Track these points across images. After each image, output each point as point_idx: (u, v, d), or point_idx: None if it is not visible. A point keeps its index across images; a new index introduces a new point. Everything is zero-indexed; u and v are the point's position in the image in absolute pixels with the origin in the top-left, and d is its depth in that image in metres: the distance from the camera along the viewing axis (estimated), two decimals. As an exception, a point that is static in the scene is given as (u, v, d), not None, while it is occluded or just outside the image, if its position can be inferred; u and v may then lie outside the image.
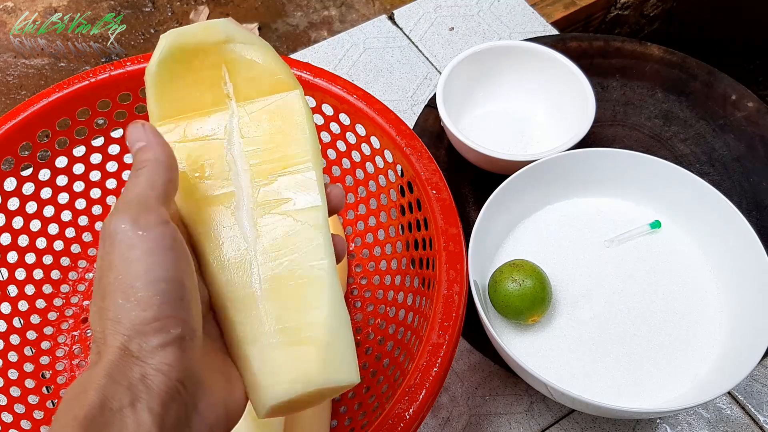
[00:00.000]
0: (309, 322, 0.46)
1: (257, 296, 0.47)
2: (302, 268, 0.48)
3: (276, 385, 0.45)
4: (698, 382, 0.70)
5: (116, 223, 0.40)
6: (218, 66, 0.52)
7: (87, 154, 0.80)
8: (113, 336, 0.39)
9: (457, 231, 0.63)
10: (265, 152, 0.51)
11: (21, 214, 0.76)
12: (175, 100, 0.52)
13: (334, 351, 0.46)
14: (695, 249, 0.78)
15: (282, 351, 0.46)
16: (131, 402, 0.37)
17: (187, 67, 0.51)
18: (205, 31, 0.52)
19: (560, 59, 0.88)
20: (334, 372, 0.45)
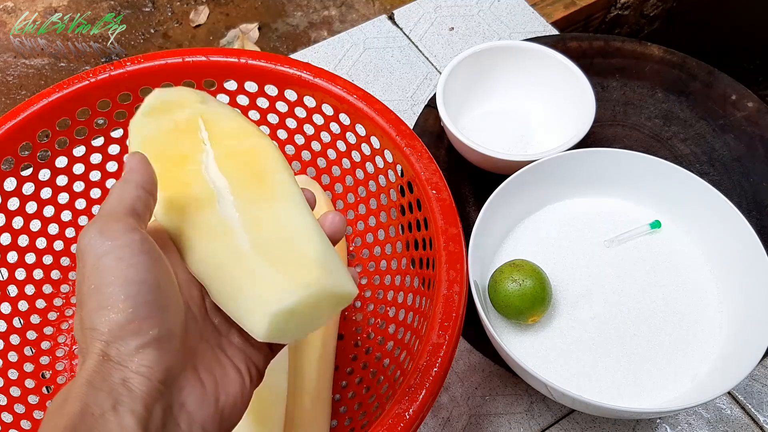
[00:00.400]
0: (300, 251, 0.47)
1: (245, 250, 0.48)
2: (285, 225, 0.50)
3: (273, 295, 0.45)
4: (698, 382, 0.70)
5: (85, 237, 0.42)
6: (195, 118, 0.57)
7: (87, 154, 0.80)
8: (92, 343, 0.39)
9: (457, 231, 0.63)
10: (240, 168, 0.54)
11: (21, 214, 0.76)
12: (154, 145, 0.55)
13: (330, 265, 0.47)
14: (695, 249, 0.78)
15: (279, 272, 0.46)
16: (113, 406, 0.37)
17: (168, 115, 0.57)
18: (185, 91, 0.59)
19: (560, 59, 0.88)
20: (335, 279, 0.46)
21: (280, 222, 0.49)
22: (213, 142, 0.56)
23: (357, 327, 0.78)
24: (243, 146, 0.56)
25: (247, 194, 0.51)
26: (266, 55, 0.75)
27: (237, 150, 0.56)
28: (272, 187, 0.52)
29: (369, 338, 0.76)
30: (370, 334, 0.76)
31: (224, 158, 0.54)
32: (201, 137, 0.56)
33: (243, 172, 0.53)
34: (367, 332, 0.77)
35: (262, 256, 0.47)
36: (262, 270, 0.46)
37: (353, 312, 0.79)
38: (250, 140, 0.57)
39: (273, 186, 0.52)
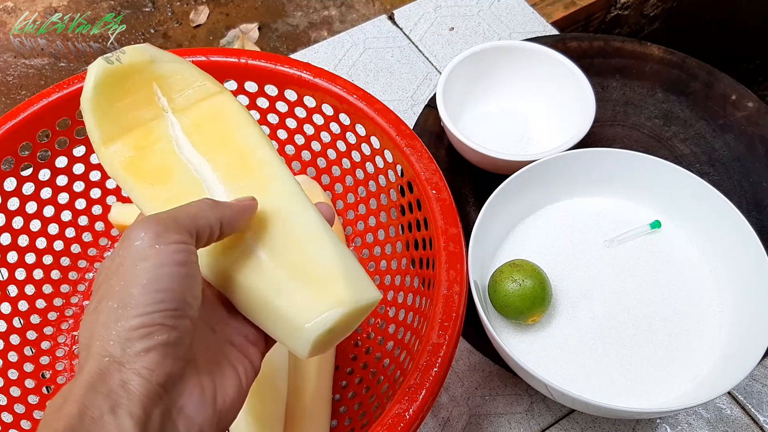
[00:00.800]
0: (320, 261, 0.48)
1: (262, 258, 0.48)
2: (293, 226, 0.50)
3: (314, 318, 0.46)
4: (698, 382, 0.70)
5: (138, 231, 0.41)
6: (149, 84, 0.55)
7: (87, 154, 0.80)
8: (99, 342, 0.39)
9: (457, 231, 0.63)
10: (218, 147, 0.53)
11: (21, 214, 0.76)
12: (115, 121, 0.54)
13: (352, 277, 0.48)
14: (695, 249, 0.78)
15: (306, 291, 0.47)
16: (111, 408, 0.37)
17: (121, 89, 0.54)
18: (132, 52, 0.55)
19: (560, 59, 0.88)
20: (361, 292, 0.47)
21: (286, 223, 0.50)
22: (174, 109, 0.55)
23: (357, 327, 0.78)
24: (206, 110, 0.55)
25: (234, 183, 0.52)
26: (266, 55, 0.75)
27: (203, 117, 0.55)
28: (261, 173, 0.52)
29: (369, 338, 0.76)
30: (370, 334, 0.76)
31: (193, 131, 0.54)
32: (161, 105, 0.55)
33: (219, 149, 0.53)
34: (367, 332, 0.77)
35: (283, 269, 0.48)
36: (288, 286, 0.47)
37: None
38: (211, 101, 0.56)
39: (262, 172, 0.52)
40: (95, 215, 0.83)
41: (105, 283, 0.41)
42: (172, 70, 0.56)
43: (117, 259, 0.41)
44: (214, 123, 0.55)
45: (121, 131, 0.54)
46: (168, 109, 0.55)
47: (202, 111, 0.55)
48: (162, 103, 0.55)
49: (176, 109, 0.55)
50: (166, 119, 0.55)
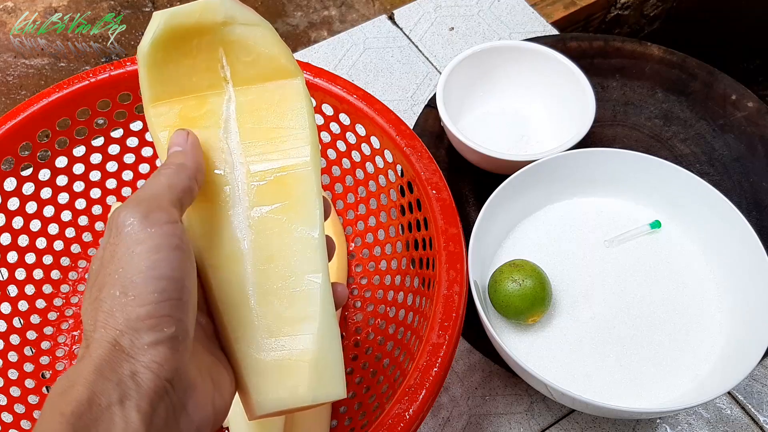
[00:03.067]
0: (300, 334, 0.47)
1: (250, 301, 0.47)
2: (296, 277, 0.48)
3: (266, 397, 0.46)
4: (698, 382, 0.70)
5: (125, 216, 0.41)
6: (215, 48, 0.50)
7: (87, 154, 0.80)
8: (105, 329, 0.39)
9: (457, 231, 0.63)
10: (262, 146, 0.50)
11: (21, 214, 0.76)
12: (168, 82, 0.50)
13: (323, 366, 0.47)
14: (695, 249, 0.78)
15: (273, 362, 0.46)
16: (120, 399, 0.37)
17: (182, 49, 0.50)
18: (203, 10, 0.49)
19: (560, 59, 0.88)
20: (322, 388, 0.47)
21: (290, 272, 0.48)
22: (236, 81, 0.51)
23: (357, 327, 0.78)
24: (269, 94, 0.51)
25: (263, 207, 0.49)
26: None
27: (262, 101, 0.51)
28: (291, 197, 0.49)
29: (369, 338, 0.76)
30: (370, 334, 0.76)
31: (248, 114, 0.50)
32: (222, 75, 0.51)
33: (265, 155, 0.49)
34: (367, 332, 0.77)
35: (263, 321, 0.47)
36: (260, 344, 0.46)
37: (353, 312, 0.79)
38: (279, 83, 0.51)
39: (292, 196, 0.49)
40: (95, 215, 0.83)
41: (101, 271, 0.41)
42: (246, 35, 0.50)
43: (109, 247, 0.41)
44: (271, 114, 0.51)
45: (173, 94, 0.50)
46: (230, 80, 0.51)
47: (265, 94, 0.51)
48: (224, 73, 0.51)
49: (238, 82, 0.51)
50: (224, 92, 0.51)
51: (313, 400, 0.46)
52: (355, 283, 0.80)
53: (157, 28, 0.49)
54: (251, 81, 0.51)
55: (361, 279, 0.80)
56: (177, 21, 0.49)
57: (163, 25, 0.49)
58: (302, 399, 0.46)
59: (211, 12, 0.49)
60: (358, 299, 0.79)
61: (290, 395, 0.46)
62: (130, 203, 0.42)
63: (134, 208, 0.41)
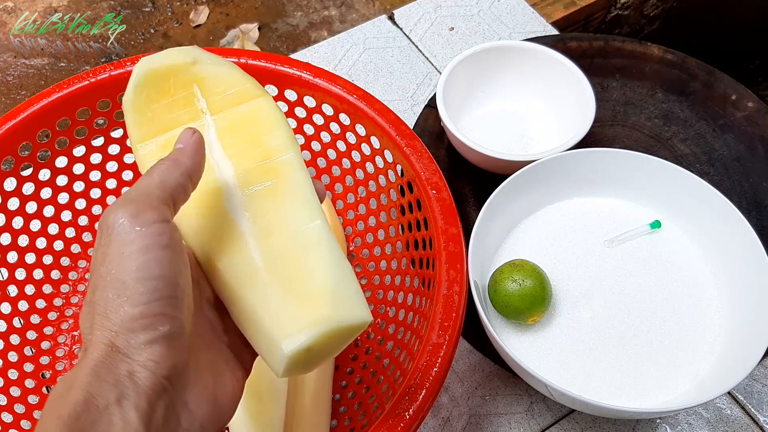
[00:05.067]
0: (313, 276, 0.47)
1: (259, 268, 0.48)
2: (296, 235, 0.49)
3: (292, 333, 0.45)
4: (698, 382, 0.70)
5: (115, 216, 0.41)
6: (190, 85, 0.55)
7: (87, 154, 0.80)
8: (100, 331, 0.39)
9: (457, 231, 0.63)
10: (244, 151, 0.53)
11: (21, 214, 0.76)
12: (152, 121, 0.54)
13: (342, 294, 0.47)
14: (695, 249, 0.78)
15: (292, 305, 0.46)
16: (117, 399, 0.37)
17: (161, 90, 0.55)
18: (175, 54, 0.55)
19: (560, 59, 0.88)
20: (346, 311, 0.46)
21: (290, 231, 0.49)
22: (212, 110, 0.55)
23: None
24: (243, 113, 0.55)
25: (254, 188, 0.51)
26: (266, 55, 0.75)
27: (238, 120, 0.55)
28: (279, 177, 0.52)
29: (369, 338, 0.76)
30: (370, 334, 0.76)
31: (227, 133, 0.54)
32: (199, 107, 0.55)
33: (248, 154, 0.53)
34: (367, 332, 0.77)
35: (275, 280, 0.47)
36: (276, 299, 0.47)
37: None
38: (250, 104, 0.56)
39: (280, 176, 0.52)
40: (95, 215, 0.83)
41: (94, 273, 0.41)
42: (215, 73, 0.56)
43: (101, 248, 0.41)
44: (247, 126, 0.55)
45: (158, 131, 0.54)
46: (206, 110, 0.55)
47: (239, 114, 0.55)
48: (201, 105, 0.55)
49: (214, 111, 0.55)
50: (203, 121, 0.55)
51: (338, 321, 0.45)
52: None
53: (137, 75, 0.54)
54: (225, 107, 0.55)
55: (361, 279, 0.80)
56: (154, 65, 0.55)
57: (142, 71, 0.54)
58: (328, 320, 0.45)
59: (182, 55, 0.56)
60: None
61: (315, 320, 0.45)
62: (120, 202, 0.42)
63: (124, 208, 0.41)
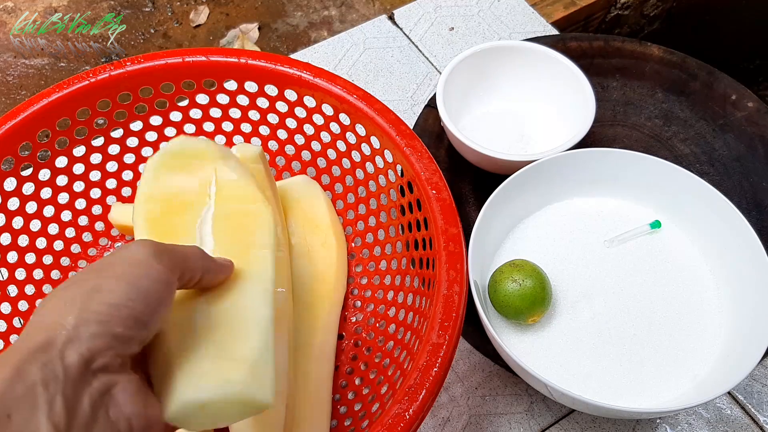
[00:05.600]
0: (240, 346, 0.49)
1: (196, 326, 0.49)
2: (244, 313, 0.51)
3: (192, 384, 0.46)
4: (698, 382, 0.70)
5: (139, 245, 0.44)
6: (210, 170, 0.62)
7: (87, 154, 0.80)
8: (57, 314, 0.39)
9: (457, 231, 0.63)
10: (231, 236, 0.58)
11: (21, 214, 0.76)
12: (164, 186, 0.61)
13: (258, 370, 0.48)
14: (695, 249, 0.78)
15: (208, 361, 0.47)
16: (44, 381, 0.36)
17: (186, 164, 0.62)
18: (210, 144, 0.64)
19: (560, 59, 0.88)
20: (251, 387, 0.47)
21: (238, 304, 0.51)
22: (218, 198, 0.60)
23: (357, 327, 0.78)
24: (243, 210, 0.60)
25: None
26: (266, 55, 0.75)
27: (236, 213, 0.59)
28: (249, 263, 0.54)
29: (369, 338, 0.76)
30: (370, 334, 0.76)
31: (221, 219, 0.58)
32: (209, 191, 0.61)
33: (231, 239, 0.57)
34: (367, 332, 0.77)
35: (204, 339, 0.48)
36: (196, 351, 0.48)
37: (353, 312, 0.79)
38: (252, 206, 0.60)
39: (250, 262, 0.55)
40: (95, 215, 0.83)
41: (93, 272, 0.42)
42: (235, 171, 0.63)
43: (110, 258, 0.43)
44: (242, 222, 0.59)
45: (166, 195, 0.61)
46: (213, 195, 0.60)
47: (239, 209, 0.60)
48: (211, 190, 0.61)
49: (219, 199, 0.60)
50: (207, 202, 0.60)
51: (239, 393, 0.46)
52: (355, 283, 0.80)
53: (172, 144, 0.63)
54: (228, 201, 0.60)
55: (361, 279, 0.80)
56: (190, 144, 0.63)
57: (178, 143, 0.63)
58: (230, 390, 0.46)
59: (216, 147, 0.64)
60: (358, 299, 0.79)
61: (218, 384, 0.46)
62: (150, 240, 0.45)
63: (151, 244, 0.44)
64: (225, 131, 0.84)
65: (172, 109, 0.80)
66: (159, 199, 0.60)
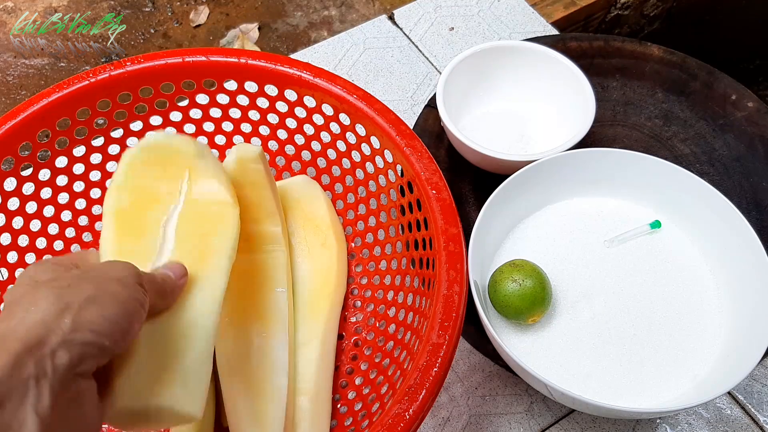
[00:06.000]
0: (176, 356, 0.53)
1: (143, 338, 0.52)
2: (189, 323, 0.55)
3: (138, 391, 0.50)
4: (698, 382, 0.70)
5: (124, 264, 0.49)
6: (184, 168, 0.63)
7: (87, 154, 0.80)
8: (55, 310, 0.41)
9: (457, 231, 0.63)
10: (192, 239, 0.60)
11: (21, 214, 0.76)
12: (138, 178, 0.63)
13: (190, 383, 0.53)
14: (695, 249, 0.78)
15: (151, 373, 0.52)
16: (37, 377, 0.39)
17: (159, 161, 0.63)
18: (187, 141, 0.64)
19: (560, 59, 0.88)
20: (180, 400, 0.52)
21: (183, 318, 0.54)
22: (187, 197, 0.62)
23: (357, 327, 0.77)
24: (209, 212, 0.62)
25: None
26: (266, 55, 0.75)
27: (203, 214, 0.62)
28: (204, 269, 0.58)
29: (369, 338, 0.76)
30: (371, 333, 0.76)
31: (187, 218, 0.61)
32: (180, 189, 0.63)
33: (192, 242, 0.59)
34: (367, 332, 0.77)
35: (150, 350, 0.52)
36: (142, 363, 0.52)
37: (353, 312, 0.79)
38: (220, 208, 0.62)
39: (206, 268, 0.58)
40: (95, 215, 0.83)
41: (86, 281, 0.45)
42: (209, 170, 0.64)
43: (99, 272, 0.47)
44: (206, 226, 0.61)
45: (137, 188, 0.62)
46: (184, 193, 0.62)
47: (206, 209, 0.62)
48: (182, 187, 0.63)
49: (189, 198, 0.62)
50: (176, 199, 0.62)
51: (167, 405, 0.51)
52: (355, 283, 0.80)
53: (148, 139, 0.63)
54: (198, 200, 0.63)
55: (361, 279, 0.80)
56: (166, 140, 0.64)
57: (152, 139, 0.63)
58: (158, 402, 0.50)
59: (192, 144, 0.64)
60: (358, 299, 0.79)
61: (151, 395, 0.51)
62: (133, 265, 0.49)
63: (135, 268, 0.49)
64: (225, 131, 0.83)
65: (172, 109, 0.80)
66: (130, 191, 0.62)
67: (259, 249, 0.72)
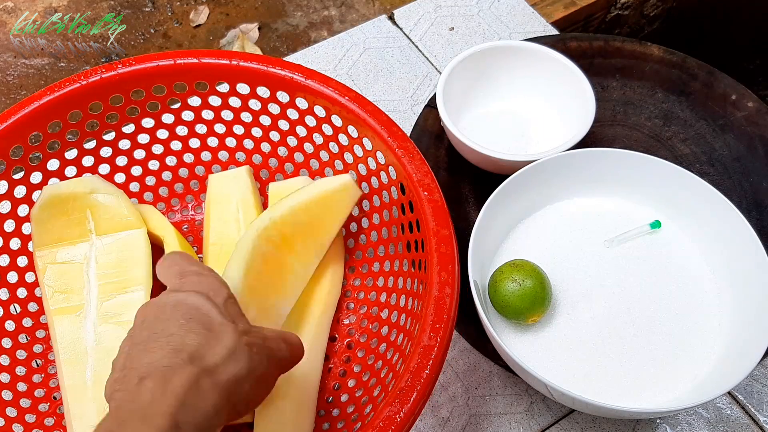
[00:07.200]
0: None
1: (88, 386, 0.67)
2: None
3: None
4: (698, 382, 0.70)
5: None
6: (84, 210, 0.74)
7: (79, 157, 0.79)
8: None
9: (449, 233, 0.62)
10: (112, 275, 0.73)
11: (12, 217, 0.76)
12: (51, 232, 0.74)
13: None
14: (695, 249, 0.78)
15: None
16: None
17: (62, 210, 0.73)
18: (76, 184, 0.74)
19: (560, 59, 0.87)
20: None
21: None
22: (98, 231, 0.74)
23: (350, 329, 0.77)
24: (120, 242, 0.74)
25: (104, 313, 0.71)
26: (258, 57, 0.75)
27: (115, 246, 0.74)
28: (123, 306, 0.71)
29: (362, 340, 0.76)
30: (363, 336, 0.76)
31: (102, 258, 0.73)
32: (89, 228, 0.74)
33: (112, 280, 0.72)
34: (360, 334, 0.76)
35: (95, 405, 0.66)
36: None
37: (346, 314, 0.78)
38: (129, 233, 0.75)
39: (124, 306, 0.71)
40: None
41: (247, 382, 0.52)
42: (107, 202, 0.75)
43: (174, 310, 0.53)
44: (121, 254, 0.74)
45: (54, 241, 0.74)
46: (93, 231, 0.74)
47: (119, 240, 0.74)
48: (90, 226, 0.74)
49: (99, 232, 0.74)
50: (89, 239, 0.74)
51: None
52: (348, 285, 0.80)
53: (43, 197, 0.73)
54: (108, 231, 0.75)
55: (354, 281, 0.80)
56: (57, 191, 0.73)
57: (48, 195, 0.73)
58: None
59: (82, 184, 0.75)
60: (352, 301, 0.79)
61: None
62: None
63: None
64: (217, 133, 0.83)
65: (164, 111, 0.80)
66: (50, 245, 0.73)
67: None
